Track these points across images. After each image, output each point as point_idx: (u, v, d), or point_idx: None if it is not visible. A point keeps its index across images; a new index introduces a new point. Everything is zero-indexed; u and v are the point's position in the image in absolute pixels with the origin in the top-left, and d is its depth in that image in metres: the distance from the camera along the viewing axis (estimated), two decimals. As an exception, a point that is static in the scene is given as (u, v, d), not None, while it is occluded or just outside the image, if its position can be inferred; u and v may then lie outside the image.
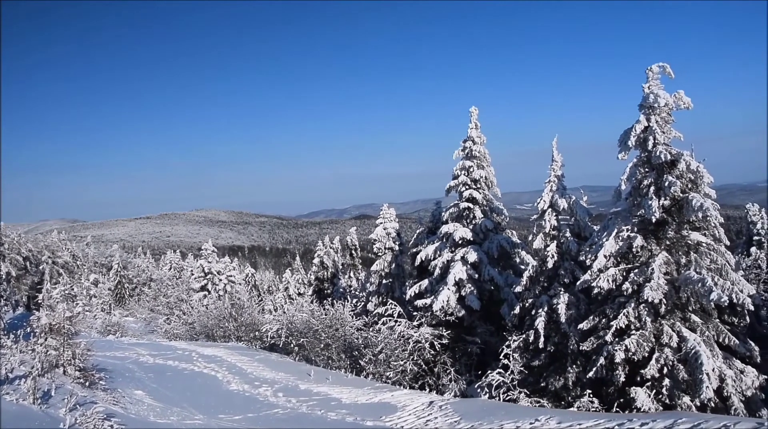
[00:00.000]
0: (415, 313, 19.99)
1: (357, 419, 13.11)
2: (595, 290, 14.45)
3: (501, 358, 16.26)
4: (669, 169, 13.97)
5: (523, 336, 16.53)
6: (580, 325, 14.82)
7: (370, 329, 20.10)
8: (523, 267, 19.73)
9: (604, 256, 14.34)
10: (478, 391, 16.60)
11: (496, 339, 18.75)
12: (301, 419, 13.19)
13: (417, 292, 20.67)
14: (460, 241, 19.68)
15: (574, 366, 15.69)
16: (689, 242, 13.95)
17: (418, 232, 23.76)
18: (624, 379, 13.80)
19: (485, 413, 12.50)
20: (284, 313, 23.29)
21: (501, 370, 15.95)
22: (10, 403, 9.35)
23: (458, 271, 19.09)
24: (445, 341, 18.96)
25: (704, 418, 9.49)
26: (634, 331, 13.66)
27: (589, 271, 14.59)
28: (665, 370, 13.41)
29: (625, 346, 13.43)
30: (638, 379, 13.58)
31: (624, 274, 14.27)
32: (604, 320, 14.50)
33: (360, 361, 19.36)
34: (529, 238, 17.92)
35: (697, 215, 13.31)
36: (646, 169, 14.41)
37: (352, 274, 41.62)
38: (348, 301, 22.57)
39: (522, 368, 16.13)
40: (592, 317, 14.79)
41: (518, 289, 17.40)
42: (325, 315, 20.94)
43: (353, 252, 42.64)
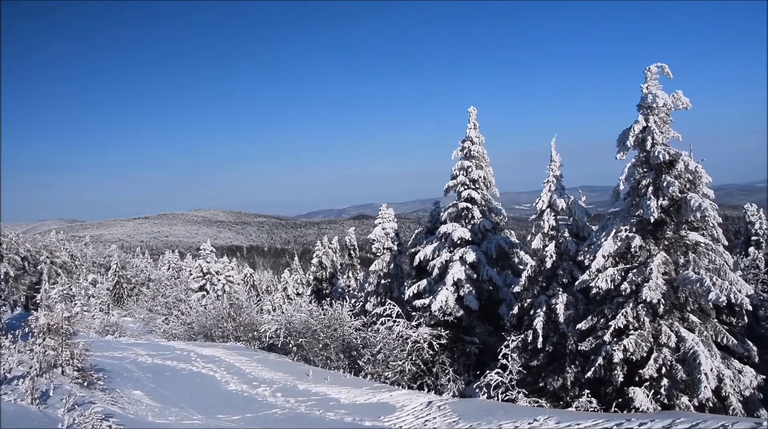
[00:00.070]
0: (414, 313, 19.99)
1: (355, 419, 13.11)
2: (594, 290, 14.45)
3: (499, 358, 16.27)
4: (667, 169, 13.98)
5: (522, 336, 16.53)
6: (579, 325, 14.83)
7: (369, 329, 20.10)
8: (521, 267, 19.72)
9: (603, 256, 14.35)
10: (477, 391, 16.61)
11: (494, 339, 18.75)
12: (300, 419, 13.19)
13: (415, 292, 20.65)
14: (459, 241, 19.68)
15: (573, 366, 15.69)
16: (687, 242, 13.96)
17: (416, 232, 23.75)
18: (622, 379, 13.80)
19: (484, 413, 12.50)
20: (283, 313, 23.32)
21: (499, 370, 15.96)
22: (9, 403, 9.34)
23: (457, 271, 19.08)
24: (443, 341, 18.96)
25: (702, 418, 9.50)
26: (632, 331, 13.67)
27: (588, 271, 14.60)
28: (663, 370, 13.42)
29: (624, 346, 13.43)
30: (637, 379, 13.59)
31: (622, 274, 14.27)
32: (602, 320, 14.51)
33: (358, 361, 19.36)
34: (528, 238, 17.93)
35: (696, 215, 13.31)
36: (645, 169, 14.42)
37: (350, 274, 41.59)
38: (346, 301, 22.59)
39: (520, 368, 16.13)
40: (590, 317, 14.79)
41: (517, 289, 17.40)
42: (324, 315, 20.95)
43: (352, 252, 42.64)
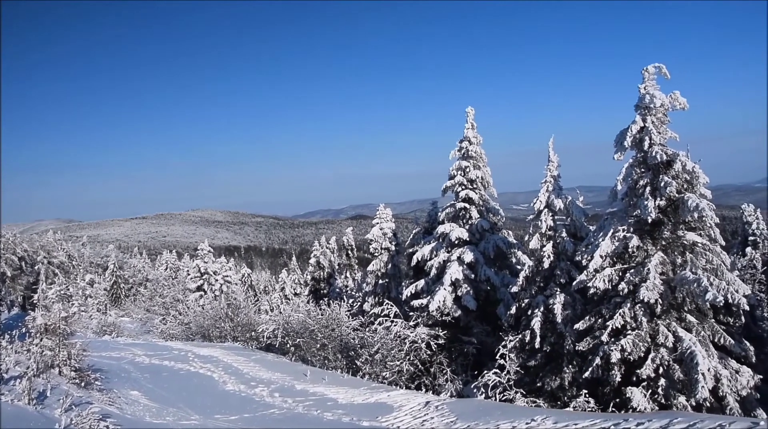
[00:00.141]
0: (412, 314, 19.99)
1: (353, 419, 13.09)
2: (591, 290, 14.47)
3: (497, 358, 16.27)
4: (665, 170, 14.01)
5: (520, 336, 16.54)
6: (576, 325, 14.84)
7: (367, 329, 20.08)
8: (519, 267, 19.73)
9: (600, 257, 14.36)
10: (475, 391, 16.62)
11: (492, 339, 18.75)
12: (297, 419, 13.17)
13: (413, 292, 20.65)
14: (457, 242, 19.69)
15: (570, 366, 15.72)
16: (685, 242, 13.98)
17: (414, 232, 23.76)
18: (620, 379, 13.82)
19: (481, 413, 12.50)
20: (280, 313, 23.27)
21: (497, 370, 15.96)
22: (6, 403, 9.32)
23: (454, 272, 19.08)
24: (441, 341, 18.96)
25: (700, 418, 9.50)
26: (630, 331, 13.69)
27: (585, 272, 14.61)
28: (661, 370, 13.44)
29: (621, 346, 13.45)
30: (634, 379, 13.61)
31: (620, 274, 14.29)
32: (600, 320, 14.52)
33: (356, 362, 19.35)
34: (526, 239, 17.92)
35: (693, 215, 13.34)
36: (642, 170, 14.44)
37: (348, 275, 41.61)
38: (344, 302, 22.56)
39: (518, 368, 16.14)
40: (588, 317, 14.81)
41: (514, 290, 17.40)
42: (322, 315, 20.92)
43: (349, 252, 42.67)
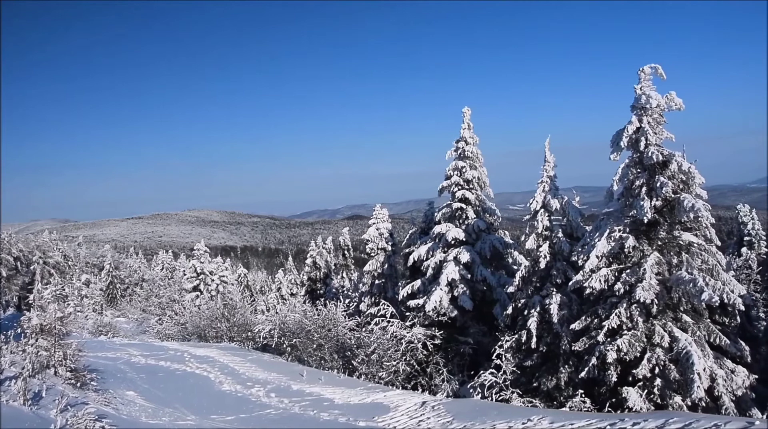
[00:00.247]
0: (408, 314, 19.98)
1: (349, 419, 13.09)
2: (588, 290, 14.48)
3: (493, 358, 16.29)
4: (661, 170, 14.03)
5: (516, 336, 16.56)
6: (573, 326, 14.86)
7: (363, 330, 20.09)
8: (515, 267, 19.74)
9: (596, 257, 14.38)
10: (471, 391, 16.62)
11: (488, 339, 18.76)
12: (294, 420, 13.16)
13: (409, 292, 20.65)
14: (453, 242, 19.70)
15: (567, 366, 15.73)
16: (681, 243, 14.02)
17: (410, 232, 23.75)
18: (616, 379, 13.84)
19: (478, 413, 12.52)
20: (277, 313, 23.28)
21: (493, 371, 15.98)
22: (1, 404, 9.29)
23: (451, 272, 19.09)
24: (437, 341, 18.96)
25: (695, 418, 9.54)
26: (626, 331, 13.71)
27: (582, 272, 14.63)
28: (657, 370, 13.47)
29: (617, 346, 13.47)
30: (630, 379, 13.63)
31: (616, 274, 14.31)
32: (596, 320, 14.54)
33: (352, 362, 19.34)
34: (522, 239, 17.94)
35: (689, 216, 13.36)
36: (638, 170, 14.46)
37: (344, 275, 41.54)
38: (340, 302, 22.55)
39: (514, 368, 16.16)
40: (584, 317, 14.83)
41: (511, 290, 17.42)
42: (318, 315, 20.91)
43: (346, 252, 42.60)
